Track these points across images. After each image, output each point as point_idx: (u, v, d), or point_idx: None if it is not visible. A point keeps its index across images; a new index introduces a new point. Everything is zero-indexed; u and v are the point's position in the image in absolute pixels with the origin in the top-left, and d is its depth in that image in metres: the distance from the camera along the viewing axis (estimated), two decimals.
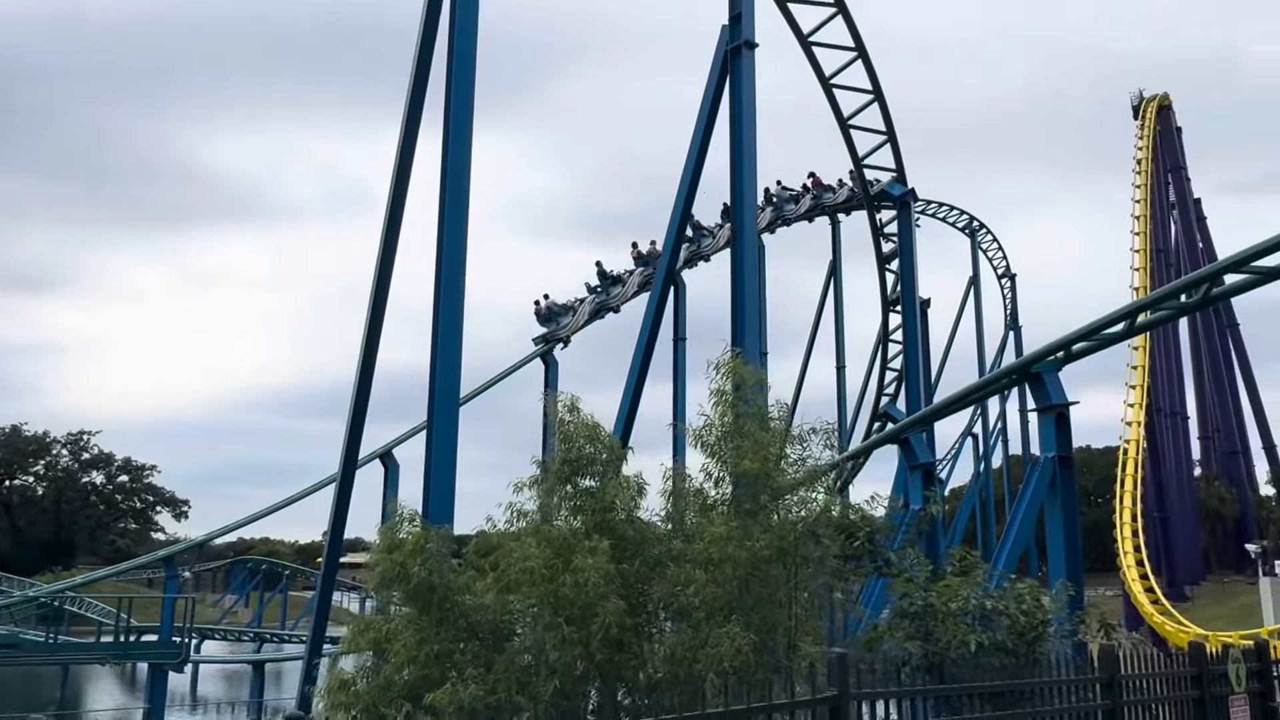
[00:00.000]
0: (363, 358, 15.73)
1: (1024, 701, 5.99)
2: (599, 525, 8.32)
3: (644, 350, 18.05)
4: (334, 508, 15.52)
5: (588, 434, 8.73)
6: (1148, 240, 62.20)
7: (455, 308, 12.78)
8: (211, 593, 72.33)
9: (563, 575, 7.35)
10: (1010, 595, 7.62)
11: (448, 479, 11.63)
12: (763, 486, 8.15)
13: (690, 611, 7.95)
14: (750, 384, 8.56)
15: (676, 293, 33.75)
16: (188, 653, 27.53)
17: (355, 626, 8.11)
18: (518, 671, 7.35)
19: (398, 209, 15.70)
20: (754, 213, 16.65)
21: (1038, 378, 13.11)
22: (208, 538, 39.03)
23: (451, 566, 8.09)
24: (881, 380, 35.59)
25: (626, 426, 17.05)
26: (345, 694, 7.67)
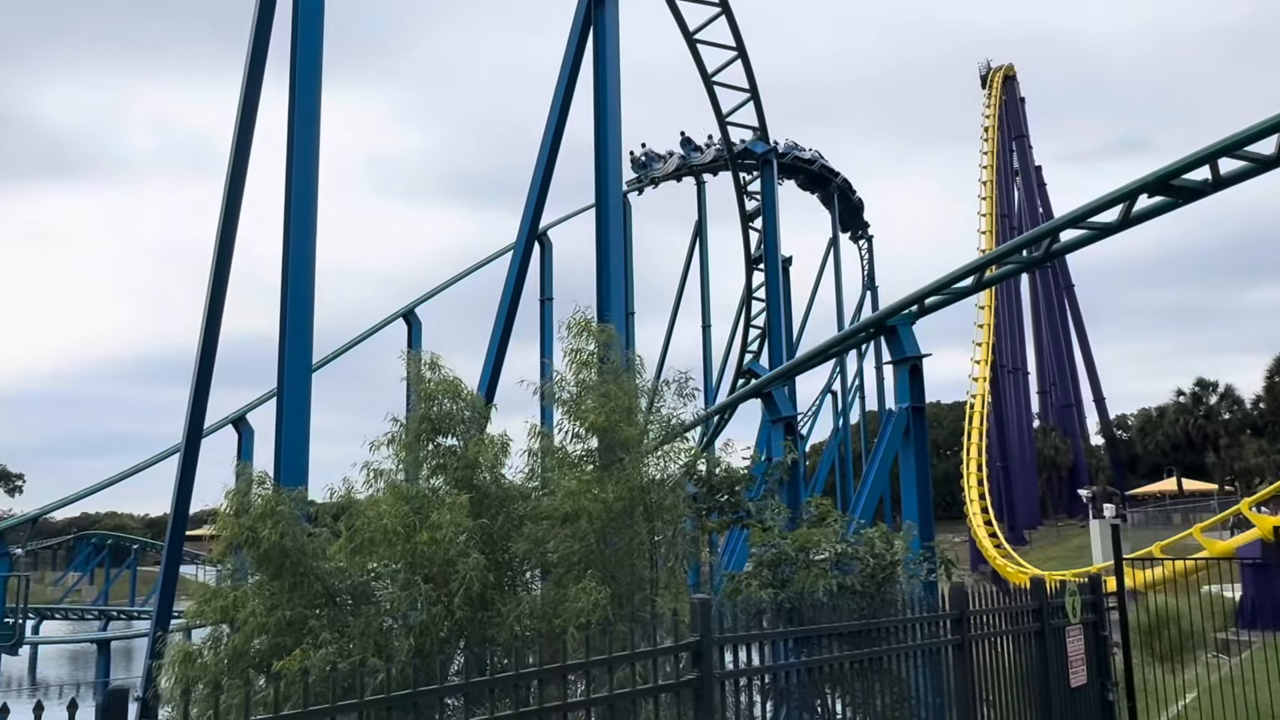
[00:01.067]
0: (207, 320, 14.92)
1: (878, 640, 6.17)
2: (461, 483, 8.14)
3: (507, 310, 17.76)
4: (179, 475, 14.74)
5: (448, 391, 8.51)
6: (994, 205, 65.36)
7: (305, 264, 12.21)
8: (52, 570, 68.32)
9: (420, 532, 7.15)
10: (863, 540, 7.85)
11: (300, 441, 11.18)
12: (615, 440, 8.14)
13: (551, 567, 7.89)
14: (602, 341, 8.51)
15: (543, 252, 33.45)
16: (21, 634, 25.87)
17: (202, 595, 7.68)
18: (374, 634, 7.12)
19: (241, 166, 14.88)
20: (618, 170, 16.52)
21: (892, 331, 13.54)
22: (40, 512, 36.65)
23: (305, 529, 7.75)
24: (745, 338, 36.29)
25: (490, 387, 16.78)
26: (191, 667, 7.27)
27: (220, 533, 7.61)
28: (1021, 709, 7.25)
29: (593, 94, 16.63)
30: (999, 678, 7.09)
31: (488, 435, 8.69)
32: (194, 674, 7.31)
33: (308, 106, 12.93)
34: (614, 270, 15.72)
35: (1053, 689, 7.51)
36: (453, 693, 4.88)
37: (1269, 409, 66.00)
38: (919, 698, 6.58)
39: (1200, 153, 10.78)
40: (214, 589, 7.59)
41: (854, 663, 6.10)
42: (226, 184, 14.86)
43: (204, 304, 15.00)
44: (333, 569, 7.59)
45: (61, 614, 43.40)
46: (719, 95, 27.37)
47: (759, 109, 28.14)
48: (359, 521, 7.46)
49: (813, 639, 5.80)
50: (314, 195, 12.63)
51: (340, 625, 7.37)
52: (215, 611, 7.37)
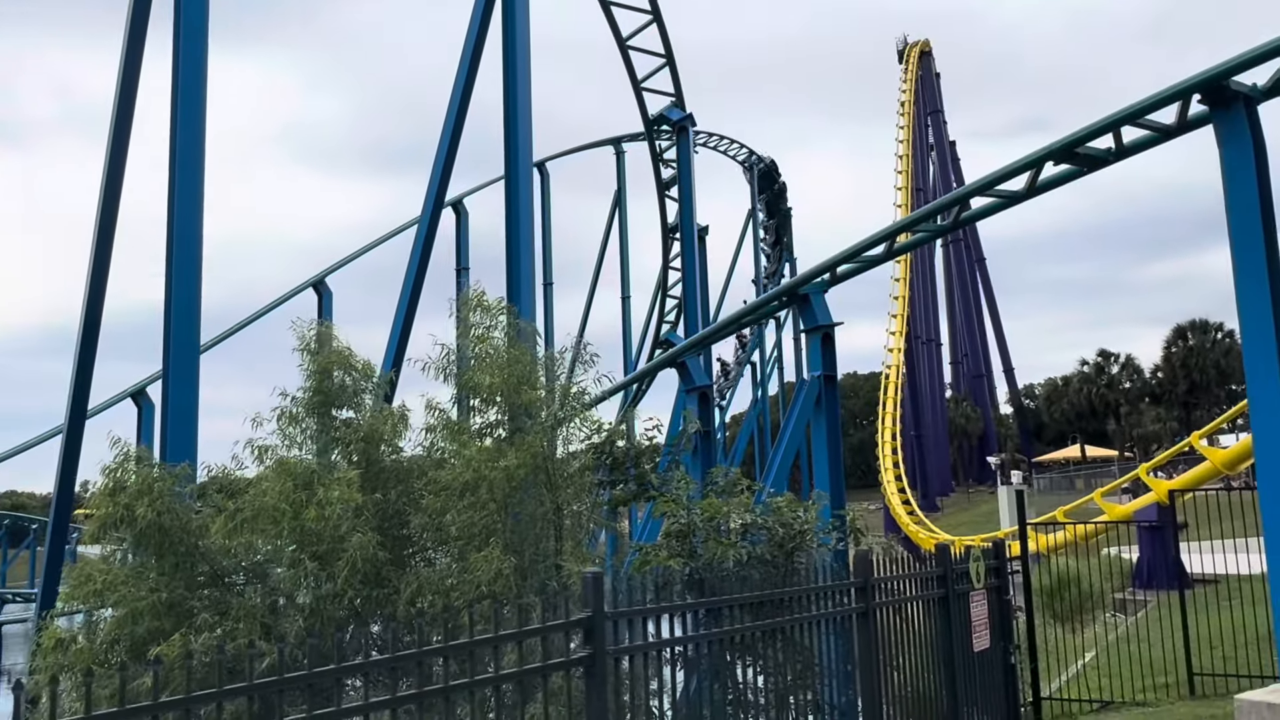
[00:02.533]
0: (90, 290, 14.18)
1: (785, 609, 6.07)
2: (359, 457, 7.83)
3: (413, 280, 17.26)
4: (63, 451, 14.03)
5: (341, 363, 8.16)
6: (909, 178, 66.39)
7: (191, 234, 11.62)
8: None
9: (308, 509, 6.82)
10: (771, 510, 7.76)
11: (188, 416, 10.64)
12: (516, 407, 7.92)
13: (450, 539, 7.65)
14: (494, 312, 8.27)
15: (458, 222, 32.77)
16: None
17: (74, 577, 7.23)
18: (262, 615, 6.78)
19: (123, 129, 14.13)
20: (528, 138, 16.09)
21: (805, 299, 13.50)
22: None
23: (189, 507, 7.35)
24: (662, 308, 36.22)
25: (397, 360, 16.30)
26: (64, 654, 6.84)
27: (95, 511, 7.16)
28: (926, 674, 7.27)
29: (501, 59, 16.16)
30: (904, 643, 7.08)
31: (385, 408, 8.37)
32: (68, 661, 6.89)
33: (192, 68, 12.28)
34: (524, 240, 15.36)
35: (956, 653, 7.54)
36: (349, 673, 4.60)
37: (1166, 378, 68.74)
38: (826, 665, 6.53)
39: (1104, 120, 10.89)
40: (87, 571, 7.15)
41: (762, 633, 5.99)
42: (108, 150, 14.14)
43: (86, 274, 14.24)
44: (219, 548, 7.22)
45: None
46: (634, 60, 27.02)
47: (675, 74, 27.89)
48: (242, 499, 7.09)
49: (719, 610, 5.66)
50: (200, 163, 12.02)
51: (225, 607, 7.01)
52: (88, 594, 6.94)
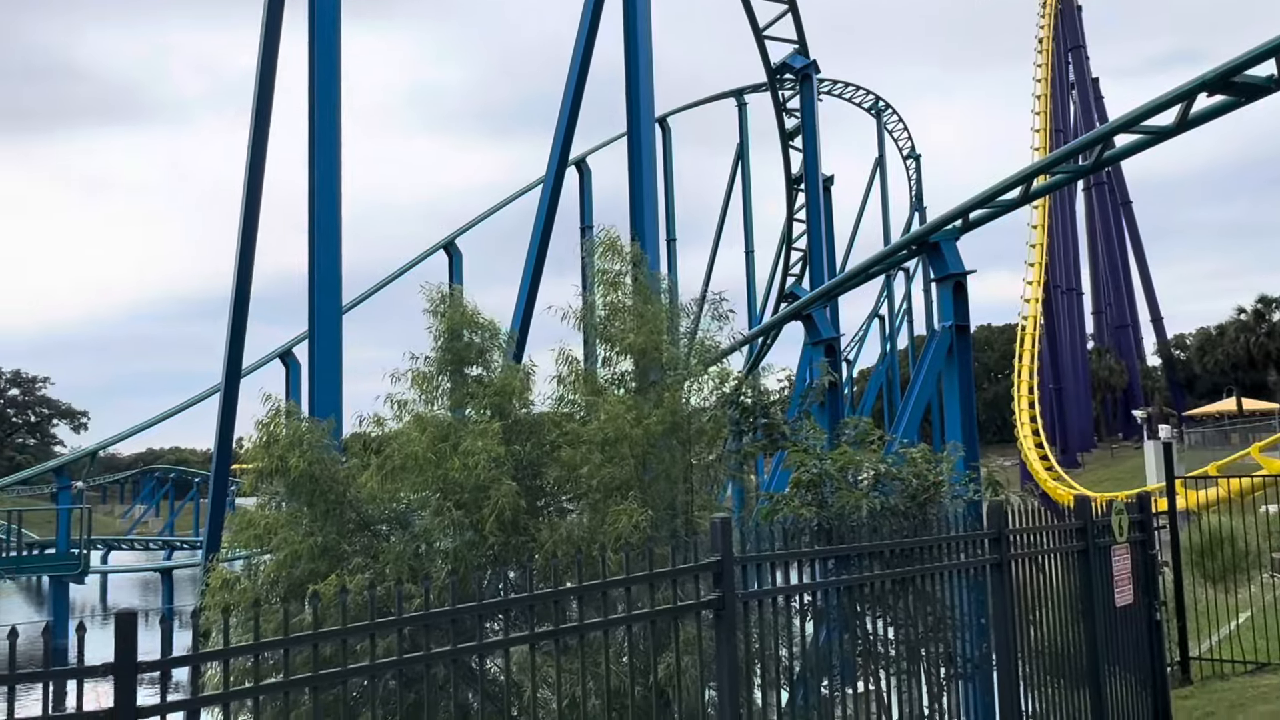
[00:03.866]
0: (240, 257, 15.01)
1: (915, 560, 6.02)
2: (490, 411, 8.09)
3: (539, 240, 17.56)
4: (221, 409, 15.01)
5: (470, 321, 8.41)
6: (1048, 120, 63.16)
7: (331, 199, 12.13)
8: (120, 504, 70.76)
9: (452, 460, 7.11)
10: (904, 460, 7.66)
11: (333, 374, 11.22)
12: (652, 362, 7.99)
13: (588, 493, 7.83)
14: (631, 262, 8.31)
15: (581, 180, 33.05)
16: (87, 563, 26.81)
17: (238, 523, 7.77)
18: (409, 559, 7.14)
19: (265, 103, 14.76)
20: (650, 93, 16.06)
21: (935, 248, 13.11)
22: (98, 446, 37.78)
23: (335, 458, 7.77)
24: (787, 260, 35.77)
25: (525, 317, 16.69)
26: (230, 592, 7.37)
27: (251, 463, 7.65)
28: (1064, 628, 7.09)
29: (622, 14, 16.13)
30: (1041, 597, 6.92)
31: (514, 364, 8.60)
32: (233, 599, 7.42)
33: (327, 40, 12.71)
34: (648, 196, 15.40)
35: (1097, 608, 7.32)
36: (491, 610, 4.83)
37: None
38: (959, 618, 6.44)
39: (1266, 45, 10.11)
40: (249, 517, 7.66)
41: (893, 583, 5.96)
42: (252, 124, 14.80)
43: (236, 243, 15.07)
44: (365, 496, 7.61)
45: (129, 544, 44.93)
46: (755, 8, 26.51)
47: (797, 21, 27.24)
48: (388, 449, 7.46)
49: (848, 559, 5.66)
50: (337, 131, 12.48)
51: (374, 552, 7.41)
52: (250, 539, 7.46)
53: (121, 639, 3.46)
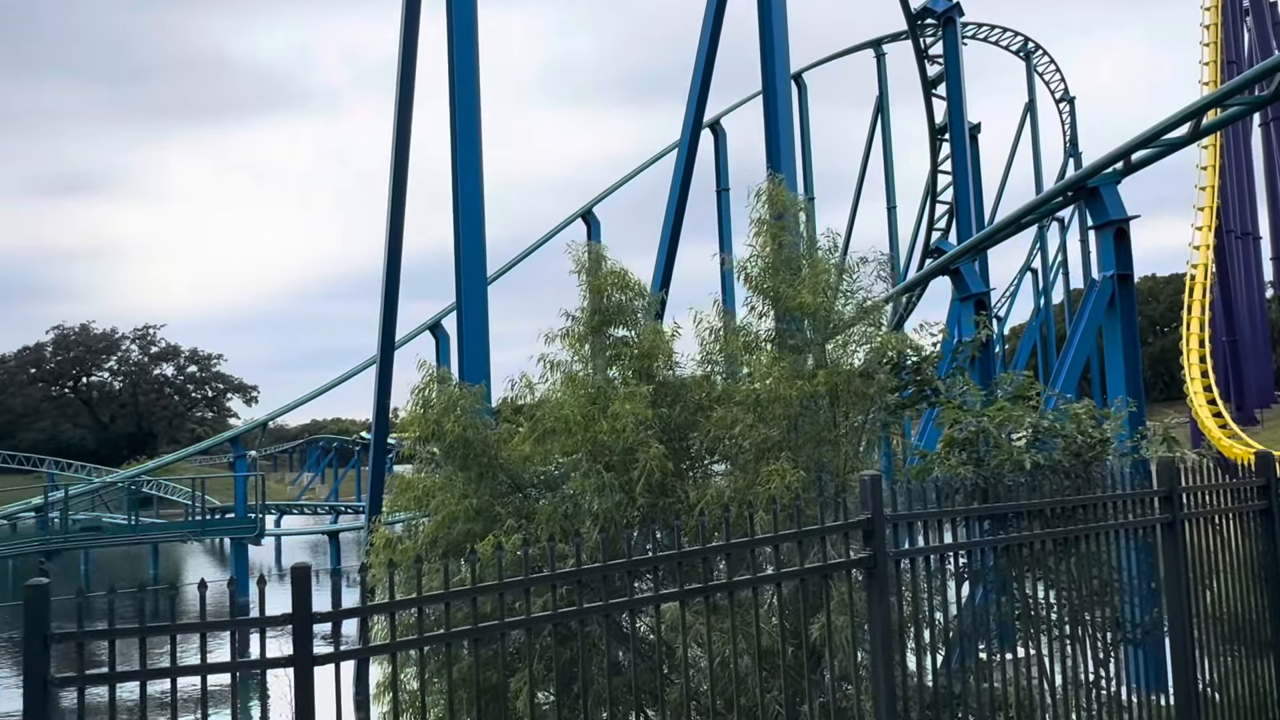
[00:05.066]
0: (389, 235, 15.61)
1: (1079, 519, 5.76)
2: (636, 373, 8.14)
3: (676, 204, 17.52)
4: (378, 379, 15.74)
5: (616, 282, 8.45)
6: (1218, 51, 58.42)
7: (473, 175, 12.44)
8: (290, 472, 75.32)
9: (600, 422, 7.22)
10: (1067, 416, 7.31)
11: (480, 342, 11.58)
12: (817, 321, 7.84)
13: (738, 454, 7.81)
14: (793, 211, 8.13)
15: (716, 142, 32.76)
16: (262, 527, 28.70)
17: (397, 486, 8.13)
18: (560, 520, 7.31)
19: (408, 85, 15.22)
20: (785, 50, 15.71)
21: (1094, 193, 12.38)
22: (268, 418, 40.26)
23: (487, 422, 8.00)
24: (932, 214, 34.57)
25: (664, 280, 16.74)
26: (392, 551, 7.73)
27: (408, 428, 7.96)
28: (1243, 593, 6.65)
29: None
30: (1218, 560, 6.51)
31: (659, 325, 8.61)
32: (396, 557, 7.78)
33: (465, 20, 12.96)
34: (785, 155, 15.11)
35: None
36: (640, 568, 4.90)
37: None
38: (1126, 581, 6.14)
39: None
40: (408, 480, 7.99)
41: (1054, 543, 5.72)
42: (396, 106, 15.30)
43: (386, 222, 15.68)
44: (516, 458, 7.82)
45: (298, 510, 47.82)
46: None
47: None
48: (540, 412, 7.63)
49: (1005, 517, 5.46)
50: (477, 109, 12.75)
51: (526, 512, 7.61)
52: (409, 501, 7.79)
53: (298, 592, 3.68)
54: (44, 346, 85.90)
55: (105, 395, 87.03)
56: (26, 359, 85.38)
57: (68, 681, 3.49)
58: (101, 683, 3.51)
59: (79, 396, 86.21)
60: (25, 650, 3.49)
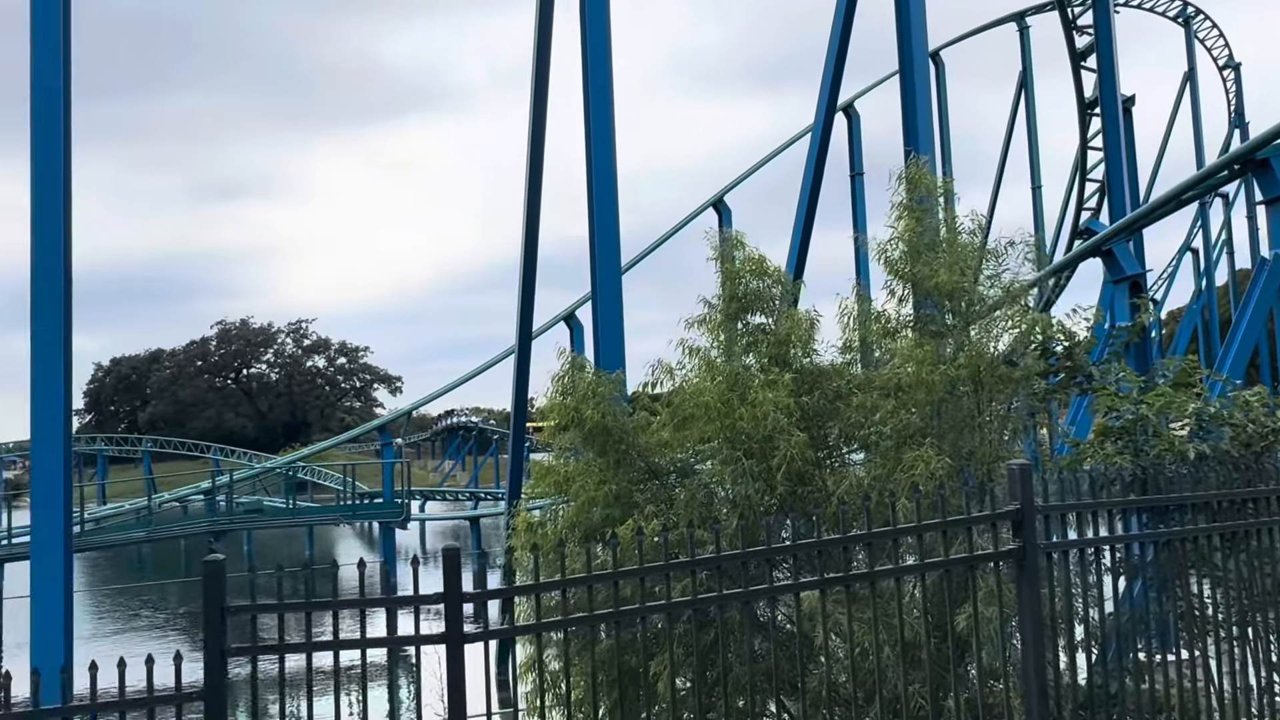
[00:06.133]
0: (526, 228, 15.95)
1: (1250, 514, 5.40)
2: (774, 360, 8.09)
3: (809, 190, 17.25)
4: (516, 369, 16.14)
5: (754, 268, 8.40)
6: None
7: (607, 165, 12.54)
8: (432, 459, 78.13)
9: (740, 409, 7.21)
10: (1236, 404, 6.87)
11: (615, 331, 11.69)
12: (956, 304, 7.62)
13: (878, 441, 7.67)
14: (934, 194, 7.91)
15: (850, 126, 32.09)
16: (408, 511, 29.87)
17: (537, 472, 8.31)
18: (698, 506, 7.34)
19: (542, 81, 15.46)
20: (922, 25, 15.19)
21: (1264, 165, 11.54)
22: (411, 407, 41.82)
23: (625, 409, 8.09)
24: (1081, 194, 32.98)
25: (798, 267, 16.52)
26: (533, 535, 7.91)
27: (548, 414, 8.13)
28: None
29: None
30: None
31: (797, 312, 8.52)
32: (535, 540, 7.97)
33: (598, 14, 13.06)
34: (923, 135, 14.64)
35: None
36: (780, 554, 4.88)
37: None
38: None
39: None
40: (548, 466, 8.16)
41: (1221, 538, 5.39)
42: (531, 99, 15.57)
43: (523, 215, 16.03)
44: (653, 445, 7.88)
45: (440, 496, 49.55)
46: None
47: None
48: (677, 399, 7.67)
49: (1166, 510, 5.17)
50: (610, 102, 12.84)
51: (663, 498, 7.67)
52: (549, 486, 7.95)
53: (449, 573, 3.82)
54: (209, 341, 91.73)
55: (263, 386, 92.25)
56: (194, 353, 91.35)
57: (242, 651, 3.71)
58: (272, 653, 3.72)
59: (240, 387, 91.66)
60: (205, 622, 3.73)
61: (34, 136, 10.09)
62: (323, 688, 3.90)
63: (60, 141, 10.18)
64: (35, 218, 9.99)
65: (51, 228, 10.01)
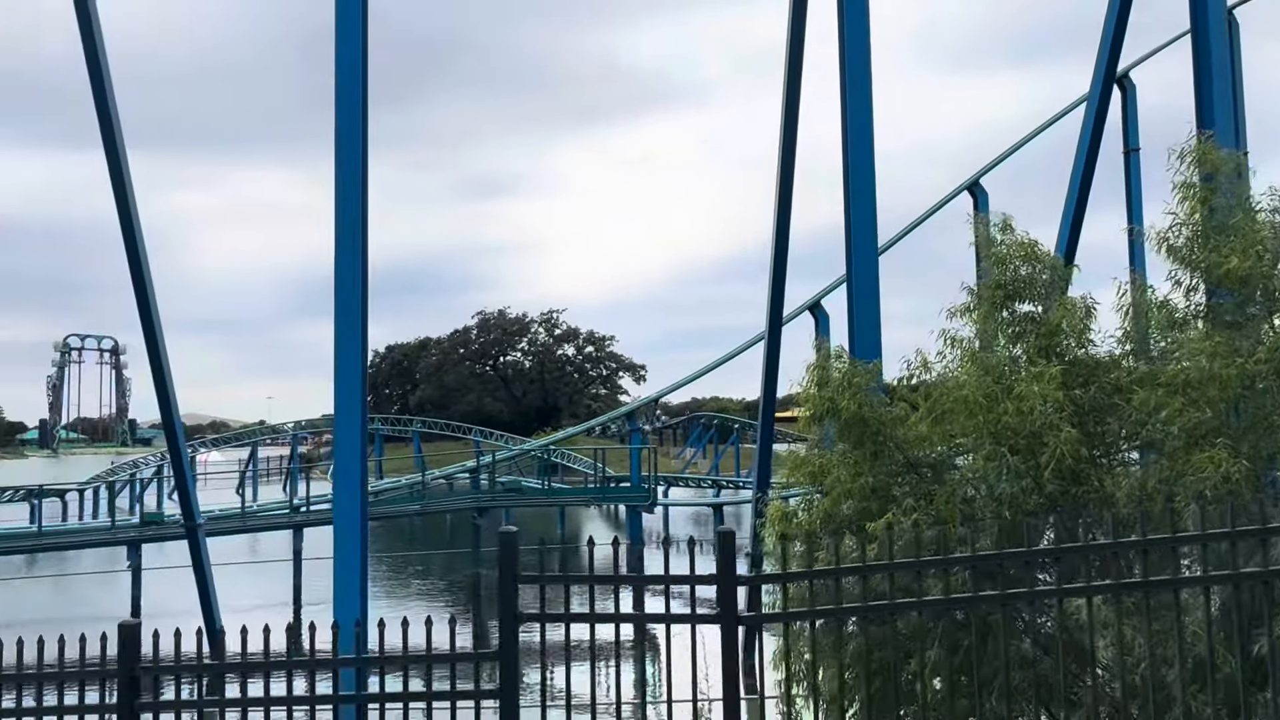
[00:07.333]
0: (777, 215, 15.91)
1: None
2: (1042, 351, 7.68)
3: (1083, 165, 16.08)
4: (765, 359, 16.20)
5: (1023, 254, 7.99)
6: None
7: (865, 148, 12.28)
8: (674, 446, 79.74)
9: (1004, 403, 6.89)
10: None
11: (872, 319, 11.44)
12: (1251, 291, 6.95)
13: (1164, 440, 7.13)
14: (1227, 172, 7.22)
15: (1124, 98, 29.62)
16: (655, 496, 30.71)
17: (792, 461, 8.33)
18: (959, 503, 7.10)
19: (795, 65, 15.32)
20: None
21: None
22: (657, 395, 42.86)
23: (882, 400, 7.94)
24: None
25: (1068, 254, 15.47)
26: (787, 524, 7.93)
27: (803, 404, 8.11)
28: None
29: None
30: None
31: (1069, 298, 8.03)
32: (790, 530, 7.99)
33: None
34: (1218, 105, 13.26)
35: None
36: (1041, 558, 4.66)
37: None
38: None
39: None
40: (803, 457, 8.15)
41: None
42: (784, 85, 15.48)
43: (774, 204, 16.01)
44: (912, 438, 7.69)
45: (682, 482, 50.52)
46: None
47: None
48: (937, 391, 7.44)
49: None
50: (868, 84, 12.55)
51: (922, 493, 7.47)
52: (804, 476, 7.94)
53: (724, 556, 3.92)
54: (470, 330, 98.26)
55: (517, 373, 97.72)
56: (457, 341, 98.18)
57: (533, 618, 3.99)
58: (559, 621, 3.98)
59: (497, 373, 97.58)
60: (499, 589, 4.04)
61: (338, 146, 11.18)
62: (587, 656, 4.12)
63: (359, 151, 11.24)
64: (339, 219, 11.08)
65: (351, 228, 11.09)
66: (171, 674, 4.42)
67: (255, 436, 62.76)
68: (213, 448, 63.64)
